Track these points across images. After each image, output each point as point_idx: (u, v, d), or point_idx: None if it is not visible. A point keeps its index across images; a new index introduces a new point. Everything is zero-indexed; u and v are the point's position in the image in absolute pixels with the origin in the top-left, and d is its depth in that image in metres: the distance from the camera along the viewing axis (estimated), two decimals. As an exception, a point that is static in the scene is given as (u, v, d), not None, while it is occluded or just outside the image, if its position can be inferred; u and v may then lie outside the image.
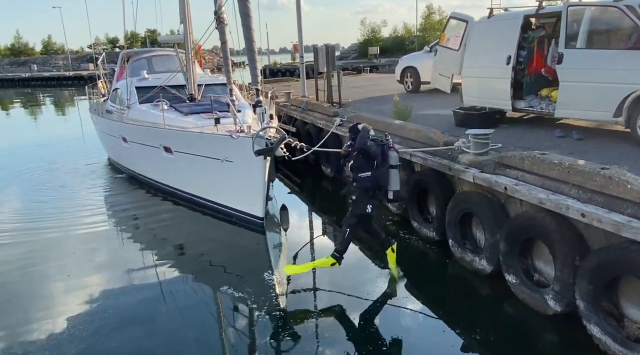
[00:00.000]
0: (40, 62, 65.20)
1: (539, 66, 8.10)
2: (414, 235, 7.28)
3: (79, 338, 4.97)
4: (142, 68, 12.06)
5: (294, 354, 4.58)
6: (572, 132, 7.03)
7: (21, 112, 31.51)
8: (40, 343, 4.95)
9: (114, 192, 10.88)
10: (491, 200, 5.76)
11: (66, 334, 5.07)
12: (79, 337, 4.98)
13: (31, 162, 13.99)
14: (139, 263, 6.76)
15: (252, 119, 8.63)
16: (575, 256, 4.59)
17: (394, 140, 7.91)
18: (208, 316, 5.31)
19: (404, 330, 4.87)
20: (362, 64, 35.40)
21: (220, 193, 8.46)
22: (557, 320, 4.84)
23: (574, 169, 4.77)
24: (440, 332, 4.85)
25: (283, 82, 21.83)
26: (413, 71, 13.79)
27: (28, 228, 8.53)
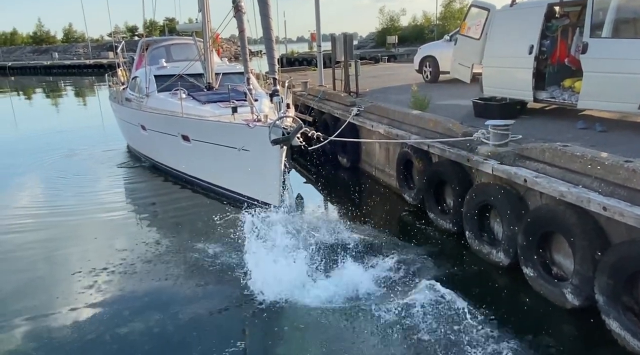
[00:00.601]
0: (61, 49, 66.06)
1: (561, 56, 7.91)
2: (430, 227, 7.23)
3: (98, 320, 5.11)
4: (161, 56, 12.12)
5: (313, 340, 4.62)
6: (594, 123, 6.87)
7: (43, 100, 32.05)
8: (61, 323, 5.10)
9: (132, 179, 11.03)
10: (510, 192, 5.68)
11: (86, 316, 5.21)
12: (98, 320, 5.12)
13: (52, 148, 14.27)
14: (157, 249, 6.85)
15: (268, 107, 8.64)
16: (595, 250, 4.52)
17: (412, 131, 7.88)
18: (227, 302, 5.37)
19: (418, 321, 4.85)
20: (379, 53, 35.04)
21: (236, 181, 8.52)
22: (575, 314, 4.79)
23: (596, 161, 4.67)
24: (455, 324, 4.83)
25: (300, 71, 21.75)
26: (432, 60, 13.60)
27: (49, 213, 8.74)
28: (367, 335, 4.69)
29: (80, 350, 4.70)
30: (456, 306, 5.12)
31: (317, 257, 6.22)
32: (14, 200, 9.68)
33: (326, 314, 5.02)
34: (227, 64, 12.65)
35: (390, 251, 6.46)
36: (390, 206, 8.26)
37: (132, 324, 5.03)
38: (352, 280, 5.63)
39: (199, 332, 4.83)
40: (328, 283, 5.58)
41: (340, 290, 5.42)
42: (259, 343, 4.83)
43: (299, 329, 4.82)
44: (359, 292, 5.42)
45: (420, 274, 5.86)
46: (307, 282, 5.56)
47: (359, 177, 10.33)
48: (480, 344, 4.49)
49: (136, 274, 6.13)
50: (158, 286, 5.80)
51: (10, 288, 5.97)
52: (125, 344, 4.75)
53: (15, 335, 4.96)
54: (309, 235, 6.95)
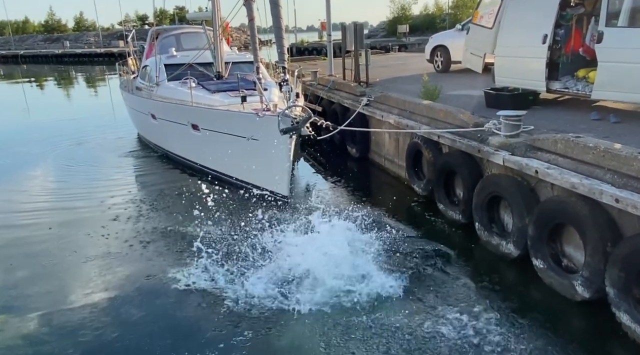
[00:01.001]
0: (72, 38, 66.33)
1: (576, 45, 7.78)
2: (439, 218, 7.20)
3: (109, 307, 5.19)
4: (171, 45, 12.14)
5: (317, 331, 4.64)
6: (608, 114, 6.76)
7: (55, 88, 32.29)
8: (74, 309, 5.19)
9: (142, 168, 11.10)
10: (521, 184, 5.63)
11: (97, 302, 5.29)
12: (109, 306, 5.20)
13: (63, 136, 14.40)
14: (166, 237, 6.90)
15: (278, 97, 8.61)
16: (606, 242, 4.47)
17: (422, 121, 7.82)
18: (236, 291, 5.41)
19: (427, 313, 4.85)
20: (390, 43, 34.72)
21: (245, 171, 8.53)
22: (585, 307, 4.76)
23: (610, 152, 4.60)
24: (463, 315, 4.82)
25: (310, 60, 21.65)
26: (443, 50, 13.45)
27: (60, 200, 8.85)
28: (373, 322, 4.70)
29: (92, 334, 4.77)
30: (464, 297, 5.12)
31: (326, 248, 6.23)
32: (27, 187, 9.81)
33: (334, 302, 5.03)
34: (236, 53, 12.63)
35: (399, 242, 6.44)
36: (399, 197, 8.23)
37: (142, 309, 5.10)
38: (360, 270, 5.63)
39: (209, 320, 4.88)
40: (336, 273, 5.59)
41: (349, 281, 5.43)
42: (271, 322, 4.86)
43: (308, 318, 4.85)
44: (366, 282, 5.43)
45: (428, 265, 5.85)
46: (315, 273, 5.57)
47: (368, 167, 10.29)
48: (488, 336, 4.48)
49: (145, 262, 6.19)
50: (167, 274, 5.85)
51: (24, 274, 6.06)
52: (136, 328, 4.82)
53: (28, 320, 5.05)
54: (317, 225, 6.98)
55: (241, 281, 5.46)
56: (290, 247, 5.95)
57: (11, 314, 5.16)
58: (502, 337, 4.47)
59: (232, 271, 5.69)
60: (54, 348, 4.61)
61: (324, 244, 5.76)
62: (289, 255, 5.80)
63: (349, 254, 5.88)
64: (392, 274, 5.58)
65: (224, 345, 4.49)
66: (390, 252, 6.11)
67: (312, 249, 5.71)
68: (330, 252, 5.62)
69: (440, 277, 5.55)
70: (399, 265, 5.82)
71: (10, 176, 10.50)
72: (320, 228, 6.12)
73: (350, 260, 5.81)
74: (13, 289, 5.70)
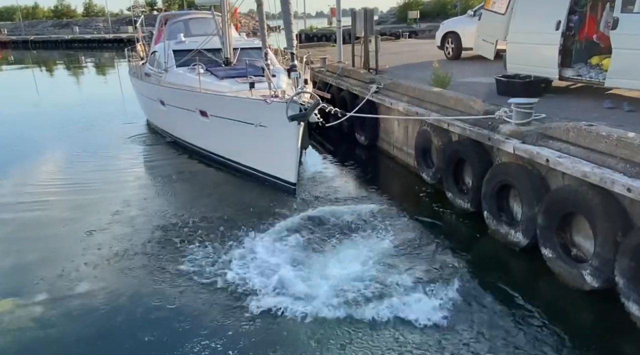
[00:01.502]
0: (82, 24, 66.33)
1: (590, 32, 7.62)
2: (447, 206, 7.18)
3: (116, 293, 5.26)
4: (179, 31, 12.08)
5: (323, 318, 4.67)
6: (622, 103, 6.64)
7: (64, 73, 32.40)
8: (82, 294, 5.28)
9: (151, 154, 11.15)
10: (531, 172, 5.58)
11: (104, 288, 5.37)
12: (115, 293, 5.27)
13: (73, 121, 14.49)
14: (174, 222, 6.94)
15: (286, 83, 8.57)
16: (617, 232, 4.43)
17: (432, 109, 7.75)
18: (244, 275, 5.45)
19: (433, 301, 4.85)
20: (400, 29, 34.33)
21: (253, 157, 8.54)
22: (593, 296, 4.74)
23: (623, 141, 4.53)
24: (471, 303, 4.83)
25: (318, 47, 21.46)
26: (454, 36, 13.24)
27: (68, 184, 8.95)
28: (380, 309, 4.72)
29: (96, 319, 4.86)
30: (472, 286, 5.12)
31: (333, 236, 6.26)
32: (36, 172, 9.91)
33: (343, 289, 5.06)
34: (245, 39, 12.55)
35: (407, 230, 6.45)
36: (407, 185, 8.21)
37: (147, 295, 5.18)
38: (368, 257, 5.65)
39: (213, 304, 4.93)
40: (345, 260, 5.61)
41: (357, 268, 5.45)
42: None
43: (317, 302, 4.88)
44: (374, 269, 5.44)
45: (436, 253, 5.85)
46: (324, 260, 5.59)
47: (377, 155, 10.25)
48: (495, 325, 4.49)
49: (154, 246, 6.26)
50: (174, 259, 5.90)
51: (33, 258, 6.15)
52: (140, 315, 4.88)
53: (36, 304, 5.14)
54: (326, 214, 6.99)
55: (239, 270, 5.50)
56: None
57: (19, 298, 5.25)
58: (509, 326, 4.48)
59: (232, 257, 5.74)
60: (61, 332, 4.70)
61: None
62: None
63: (355, 243, 5.91)
64: (399, 263, 5.59)
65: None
66: (397, 241, 6.11)
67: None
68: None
69: (447, 265, 5.55)
70: (405, 253, 5.82)
71: (20, 161, 10.60)
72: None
73: (357, 249, 5.84)
74: (21, 273, 5.80)
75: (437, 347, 4.24)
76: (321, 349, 4.30)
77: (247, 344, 4.37)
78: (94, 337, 4.58)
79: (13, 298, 5.24)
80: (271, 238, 6.19)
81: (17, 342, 4.59)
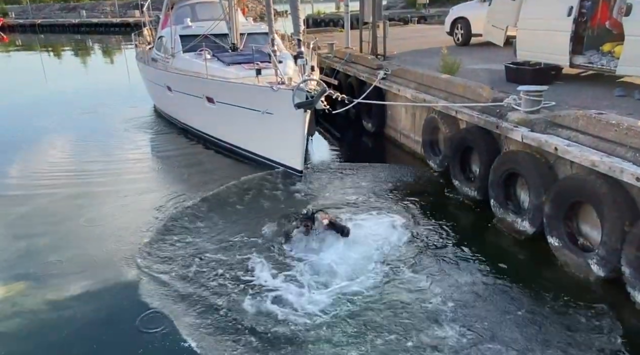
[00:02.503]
0: (89, 7, 65.98)
1: (602, 18, 7.47)
2: (454, 194, 7.16)
3: (124, 275, 5.35)
4: (186, 15, 11.99)
5: (328, 307, 4.71)
6: (634, 91, 6.55)
7: (71, 58, 32.37)
8: (97, 271, 5.42)
9: (158, 139, 11.18)
10: (539, 161, 5.54)
11: (118, 265, 5.46)
12: (122, 275, 5.35)
13: (80, 107, 14.49)
14: (182, 208, 6.99)
15: (293, 70, 8.51)
16: (624, 221, 4.42)
17: (440, 96, 7.69)
18: (246, 260, 5.51)
19: (441, 290, 4.88)
20: (409, 14, 33.88)
21: (259, 144, 8.54)
22: (599, 285, 4.74)
23: (633, 130, 4.49)
24: (478, 292, 4.84)
25: (326, 32, 21.25)
26: (464, 22, 13.06)
27: (77, 171, 8.96)
28: (382, 297, 4.75)
29: (103, 305, 4.93)
30: (478, 274, 5.13)
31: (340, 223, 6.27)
32: (43, 157, 9.95)
33: (347, 273, 5.09)
34: (251, 24, 12.46)
35: (414, 218, 6.45)
36: (414, 173, 8.19)
37: (153, 274, 5.25)
38: (373, 245, 5.67)
39: (220, 292, 4.99)
40: (350, 248, 5.63)
41: (362, 256, 5.48)
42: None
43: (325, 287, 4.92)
44: (380, 256, 5.47)
45: (442, 240, 5.86)
46: (328, 248, 5.62)
47: (384, 142, 10.21)
48: (501, 314, 4.51)
49: (160, 230, 6.32)
50: (182, 243, 5.96)
51: (41, 243, 6.22)
52: (144, 300, 4.94)
53: (46, 287, 5.24)
54: (332, 201, 7.01)
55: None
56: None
57: (29, 281, 5.35)
58: (516, 315, 4.49)
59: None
60: (74, 314, 4.78)
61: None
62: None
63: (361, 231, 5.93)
64: (404, 251, 5.61)
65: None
66: (403, 228, 6.12)
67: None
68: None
69: (454, 253, 5.56)
70: (411, 241, 5.83)
71: (28, 146, 10.67)
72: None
73: (363, 237, 5.86)
74: (30, 257, 5.87)
75: (441, 334, 4.26)
76: (323, 341, 4.34)
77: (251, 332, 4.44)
78: (102, 321, 4.67)
79: (25, 281, 5.33)
80: (274, 223, 6.23)
81: (29, 324, 4.69)
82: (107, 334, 4.49)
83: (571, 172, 5.18)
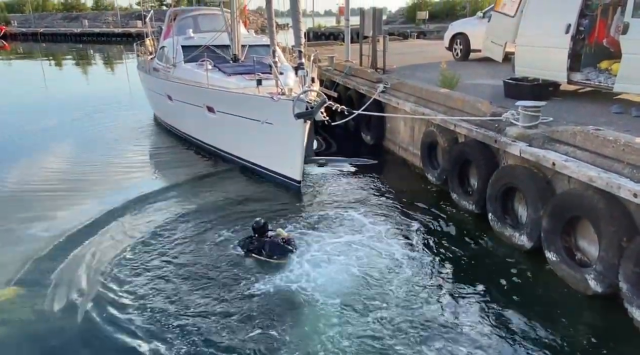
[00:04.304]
0: (91, 17, 66.51)
1: (600, 36, 7.58)
2: (452, 207, 7.17)
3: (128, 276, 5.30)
4: (188, 26, 12.11)
5: (326, 313, 4.69)
6: (630, 108, 6.62)
7: (73, 67, 32.49)
8: (89, 283, 5.34)
9: (157, 148, 11.19)
10: (537, 175, 5.57)
11: (112, 277, 5.42)
12: (119, 279, 5.31)
13: (80, 115, 14.51)
14: (178, 216, 6.99)
15: (293, 81, 8.57)
16: (622, 237, 4.42)
17: (439, 110, 7.75)
18: (243, 271, 5.49)
19: (438, 303, 4.86)
20: (409, 29, 34.25)
21: (259, 154, 8.56)
22: (596, 301, 4.73)
23: (630, 146, 4.52)
24: (474, 306, 4.83)
25: (326, 45, 21.43)
26: (463, 38, 13.22)
27: (75, 180, 8.94)
28: (374, 311, 4.73)
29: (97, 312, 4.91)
30: (475, 288, 5.12)
31: (337, 234, 6.28)
32: (42, 165, 9.90)
33: (343, 289, 5.07)
34: (253, 36, 12.57)
35: (411, 230, 6.45)
36: (413, 185, 8.20)
37: (150, 280, 5.21)
38: (371, 257, 5.66)
39: (218, 303, 4.97)
40: (348, 260, 5.62)
41: (359, 268, 5.46)
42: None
43: (318, 299, 4.90)
44: (377, 269, 5.46)
45: (440, 254, 5.85)
46: (326, 260, 5.61)
47: (382, 155, 10.24)
48: (498, 327, 4.49)
49: (159, 237, 6.30)
50: (179, 250, 5.94)
51: (38, 247, 6.19)
52: (139, 303, 4.92)
53: (42, 293, 5.19)
54: (330, 212, 7.00)
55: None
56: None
57: (23, 287, 5.31)
58: (512, 328, 4.47)
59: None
60: (64, 323, 4.74)
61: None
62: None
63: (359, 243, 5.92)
64: (402, 263, 5.60)
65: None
66: (400, 241, 6.11)
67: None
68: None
69: (451, 267, 5.55)
70: (409, 254, 5.82)
71: (28, 155, 10.65)
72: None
73: (361, 249, 5.85)
74: (26, 263, 5.82)
75: (438, 347, 4.24)
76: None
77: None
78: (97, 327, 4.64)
79: (16, 287, 5.30)
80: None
81: (21, 329, 4.65)
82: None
83: (569, 187, 5.21)
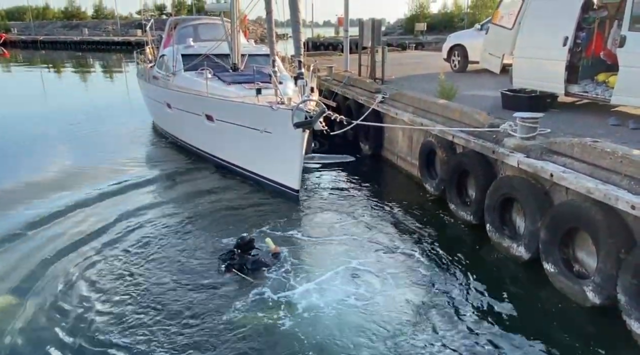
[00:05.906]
0: (91, 26, 66.78)
1: (597, 49, 7.66)
2: (450, 218, 7.17)
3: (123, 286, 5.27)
4: (188, 35, 12.18)
5: (324, 323, 4.66)
6: (628, 120, 6.66)
7: (72, 74, 32.55)
8: (84, 297, 5.32)
9: (156, 156, 11.19)
10: (534, 186, 5.58)
11: (110, 284, 5.38)
12: (119, 287, 5.28)
13: (79, 123, 14.53)
14: (174, 224, 6.97)
15: (292, 90, 8.61)
16: (620, 248, 4.43)
17: (437, 120, 7.78)
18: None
19: (435, 314, 4.84)
20: (407, 40, 34.44)
21: (257, 163, 8.57)
22: (595, 313, 4.72)
23: (627, 158, 4.54)
24: (471, 317, 4.81)
25: (325, 55, 21.55)
26: (461, 49, 13.32)
27: (74, 188, 8.88)
28: (379, 322, 4.71)
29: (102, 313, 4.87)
30: (473, 299, 5.10)
31: (334, 244, 6.27)
32: (41, 173, 9.88)
33: (341, 301, 5.05)
34: (253, 46, 12.64)
35: (408, 240, 6.44)
36: (411, 195, 8.21)
37: (145, 287, 5.19)
38: (368, 268, 5.65)
39: (214, 313, 4.94)
40: (345, 270, 5.60)
41: (356, 279, 5.45)
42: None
43: (310, 314, 4.87)
44: (374, 279, 5.44)
45: (437, 264, 5.84)
46: (323, 270, 5.59)
47: (380, 164, 10.26)
48: (495, 339, 4.47)
49: (155, 247, 6.27)
50: (173, 260, 5.92)
51: (36, 259, 6.16)
52: (138, 308, 4.89)
53: (33, 302, 5.16)
54: (328, 222, 7.00)
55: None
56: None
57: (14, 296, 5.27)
58: (510, 341, 4.45)
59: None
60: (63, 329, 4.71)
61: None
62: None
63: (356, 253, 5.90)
64: (399, 274, 5.58)
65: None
66: (398, 251, 6.10)
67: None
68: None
69: (449, 278, 5.54)
70: (406, 264, 5.81)
71: (27, 162, 10.64)
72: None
73: (358, 259, 5.84)
74: (21, 272, 5.77)
75: (437, 358, 4.22)
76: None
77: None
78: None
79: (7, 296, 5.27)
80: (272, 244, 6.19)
81: (20, 337, 4.61)
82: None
83: (567, 199, 5.22)
